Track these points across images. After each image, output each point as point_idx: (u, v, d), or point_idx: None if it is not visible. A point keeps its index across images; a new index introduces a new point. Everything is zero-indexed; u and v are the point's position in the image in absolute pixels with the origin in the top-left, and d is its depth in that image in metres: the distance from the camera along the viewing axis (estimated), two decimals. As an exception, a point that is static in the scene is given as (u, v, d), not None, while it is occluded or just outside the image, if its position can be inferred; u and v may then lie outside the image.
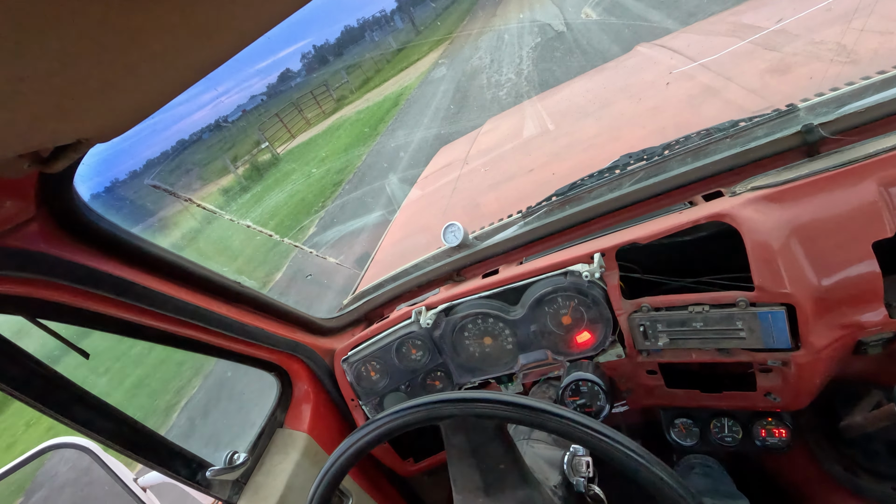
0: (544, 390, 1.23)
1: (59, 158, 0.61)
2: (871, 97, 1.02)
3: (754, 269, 0.91)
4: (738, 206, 0.95)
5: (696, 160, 1.16)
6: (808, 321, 0.89)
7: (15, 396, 0.77)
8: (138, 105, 0.57)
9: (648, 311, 1.04)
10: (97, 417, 0.91)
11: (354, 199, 9.11)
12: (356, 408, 1.40)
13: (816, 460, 1.18)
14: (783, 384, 1.01)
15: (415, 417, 0.73)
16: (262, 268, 7.66)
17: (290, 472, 1.22)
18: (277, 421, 1.34)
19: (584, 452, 1.00)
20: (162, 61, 0.48)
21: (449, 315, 1.24)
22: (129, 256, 0.92)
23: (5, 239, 0.71)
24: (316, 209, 9.90)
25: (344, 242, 6.47)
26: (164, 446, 1.06)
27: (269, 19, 0.51)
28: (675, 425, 1.24)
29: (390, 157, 10.01)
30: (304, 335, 1.39)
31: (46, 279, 0.77)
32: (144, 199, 2.42)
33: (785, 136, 1.06)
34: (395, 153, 9.81)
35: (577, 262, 1.09)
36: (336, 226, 7.54)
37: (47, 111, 0.48)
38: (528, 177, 2.46)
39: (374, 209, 7.11)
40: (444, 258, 1.41)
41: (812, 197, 0.92)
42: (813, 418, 1.20)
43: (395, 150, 10.08)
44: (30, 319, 0.79)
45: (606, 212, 1.23)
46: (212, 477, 1.11)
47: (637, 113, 2.52)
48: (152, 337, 1.02)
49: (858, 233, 0.86)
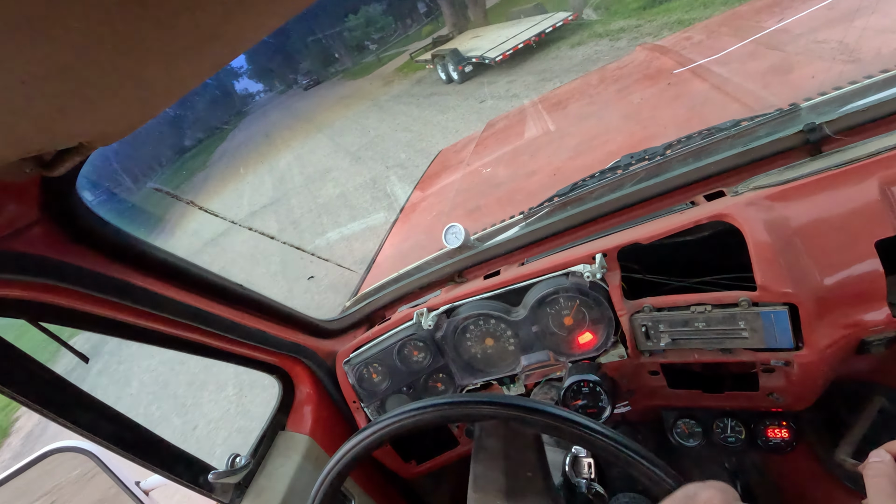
0: (546, 391, 1.23)
1: (61, 162, 0.62)
2: (874, 96, 1.01)
3: (756, 268, 0.91)
4: (740, 205, 0.95)
5: (697, 160, 1.16)
6: (810, 321, 0.89)
7: (17, 400, 0.77)
8: (140, 108, 0.57)
9: (650, 312, 1.04)
10: (99, 420, 0.91)
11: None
12: (358, 410, 1.40)
13: (819, 460, 1.17)
14: (786, 384, 1.00)
15: (416, 420, 0.73)
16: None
17: (293, 475, 1.22)
18: (279, 423, 1.34)
19: (586, 454, 1.00)
20: (164, 63, 0.48)
21: (450, 316, 1.24)
22: (132, 259, 0.92)
23: (7, 242, 0.71)
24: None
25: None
26: (166, 449, 1.06)
27: (271, 21, 0.51)
28: (677, 426, 1.23)
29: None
30: (306, 337, 1.39)
31: (48, 283, 0.77)
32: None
33: (787, 135, 1.05)
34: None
35: (578, 263, 1.09)
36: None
37: (49, 115, 0.48)
38: (528, 178, 2.46)
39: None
40: (445, 260, 1.41)
41: (814, 196, 0.91)
42: (816, 418, 1.19)
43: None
44: (32, 323, 0.79)
45: (608, 212, 1.23)
46: (214, 480, 1.11)
47: (638, 113, 2.52)
48: (154, 340, 1.02)
49: (861, 232, 0.86)
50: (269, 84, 28.78)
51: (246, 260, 7.92)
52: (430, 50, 14.35)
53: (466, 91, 10.90)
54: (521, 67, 10.04)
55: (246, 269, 7.46)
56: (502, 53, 10.17)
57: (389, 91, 16.04)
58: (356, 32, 25.70)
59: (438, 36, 15.83)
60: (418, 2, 16.34)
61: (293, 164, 10.36)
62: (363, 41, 26.26)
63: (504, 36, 11.03)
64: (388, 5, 17.23)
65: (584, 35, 9.96)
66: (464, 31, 15.17)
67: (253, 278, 6.06)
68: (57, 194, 0.76)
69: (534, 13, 12.39)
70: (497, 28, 12.98)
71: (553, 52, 10.06)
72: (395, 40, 23.54)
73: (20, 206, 0.72)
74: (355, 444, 0.76)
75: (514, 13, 13.76)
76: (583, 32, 10.13)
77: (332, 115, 17.20)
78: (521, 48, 10.18)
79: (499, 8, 17.71)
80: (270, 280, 6.78)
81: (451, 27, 16.75)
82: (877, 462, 0.54)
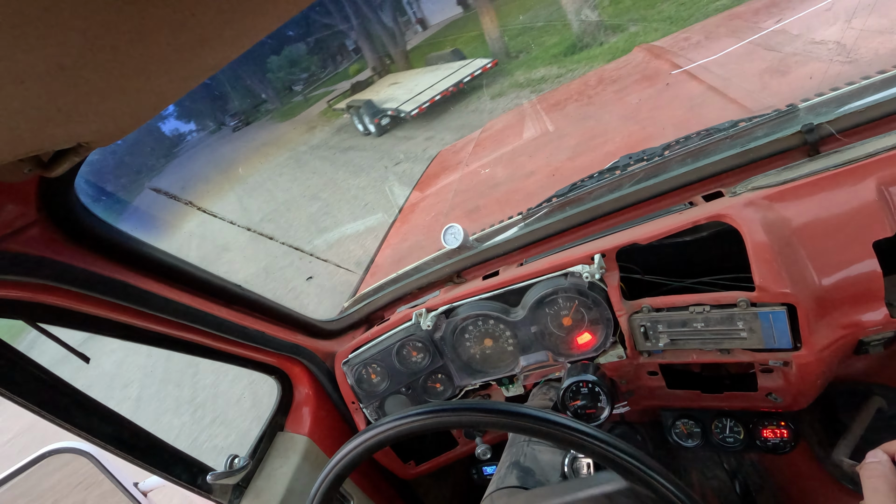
0: (545, 392, 1.23)
1: (59, 162, 0.61)
2: (871, 96, 1.02)
3: (755, 269, 0.91)
4: (738, 206, 0.95)
5: (696, 160, 1.16)
6: (808, 321, 0.89)
7: (15, 401, 0.77)
8: (138, 108, 0.57)
9: (649, 312, 1.04)
10: (97, 421, 0.91)
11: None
12: (357, 410, 1.40)
13: (817, 460, 1.18)
14: (784, 384, 1.01)
15: (417, 425, 0.73)
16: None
17: (291, 476, 1.22)
18: (278, 424, 1.34)
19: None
20: (163, 64, 0.48)
21: (449, 317, 1.24)
22: (130, 260, 0.92)
23: (6, 243, 0.71)
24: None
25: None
26: (164, 450, 1.05)
27: (270, 21, 0.51)
28: (676, 426, 1.23)
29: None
30: (305, 338, 1.39)
31: (47, 283, 0.77)
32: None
33: (785, 135, 1.06)
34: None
35: (577, 264, 1.09)
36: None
37: (47, 115, 0.48)
38: (527, 178, 2.46)
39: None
40: (444, 260, 1.41)
41: (812, 196, 0.92)
42: (814, 418, 1.19)
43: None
44: (30, 324, 0.79)
45: (607, 213, 1.23)
46: (212, 481, 1.11)
47: (637, 113, 2.53)
48: (153, 340, 1.01)
49: (859, 232, 0.86)
50: (200, 124, 28.22)
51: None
52: (347, 98, 13.48)
53: (383, 147, 10.04)
54: (440, 121, 9.32)
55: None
56: (418, 107, 9.33)
57: (310, 140, 15.19)
58: (280, 74, 25.29)
59: (357, 82, 14.79)
60: (344, 41, 15.64)
61: (195, 232, 9.67)
62: (290, 82, 25.75)
63: (422, 84, 10.23)
64: (313, 45, 16.62)
65: (504, 84, 9.33)
66: (384, 76, 14.30)
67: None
68: (55, 195, 0.76)
69: (452, 59, 11.53)
70: (416, 74, 12.21)
71: (473, 104, 9.42)
72: (325, 78, 22.33)
73: (18, 206, 0.72)
74: (355, 446, 0.76)
75: (432, 58, 12.89)
76: (503, 81, 9.49)
77: (249, 167, 16.23)
78: (439, 100, 9.36)
79: (421, 49, 16.74)
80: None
81: (372, 70, 15.82)
82: (874, 462, 0.54)
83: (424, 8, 20.94)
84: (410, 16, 21.35)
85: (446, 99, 9.51)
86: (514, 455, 1.02)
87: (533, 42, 10.40)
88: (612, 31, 8.17)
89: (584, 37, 8.31)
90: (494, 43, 10.73)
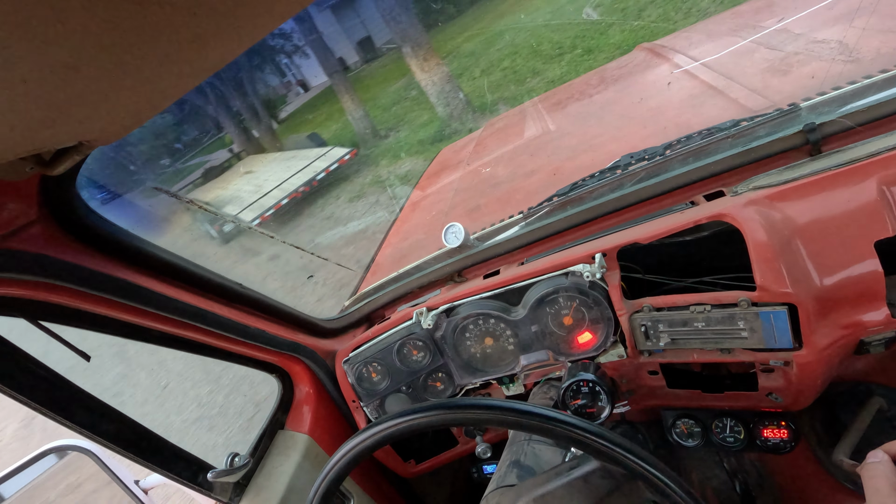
0: (545, 391, 1.23)
1: (60, 161, 0.62)
2: (874, 96, 1.01)
3: (756, 268, 0.91)
4: (739, 205, 0.95)
5: (697, 160, 1.16)
6: (809, 321, 0.89)
7: (16, 398, 0.77)
8: (140, 107, 0.57)
9: (650, 312, 1.04)
10: (98, 419, 0.91)
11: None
12: (357, 409, 1.40)
13: (817, 460, 1.18)
14: (785, 384, 1.01)
15: (417, 423, 0.73)
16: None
17: (292, 474, 1.22)
18: (278, 422, 1.34)
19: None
20: (164, 63, 0.48)
21: (450, 316, 1.24)
22: (131, 258, 0.92)
23: (7, 241, 0.71)
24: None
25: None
26: (165, 448, 1.06)
27: (270, 21, 0.51)
28: (677, 426, 1.23)
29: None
30: (306, 336, 1.39)
31: (48, 281, 0.77)
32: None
33: (787, 135, 1.05)
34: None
35: (578, 263, 1.09)
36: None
37: (49, 113, 0.48)
38: (528, 177, 2.46)
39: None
40: (445, 259, 1.41)
41: (814, 196, 0.91)
42: (814, 418, 1.19)
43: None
44: (31, 322, 0.79)
45: (608, 212, 1.23)
46: (213, 479, 1.11)
47: (638, 113, 2.52)
48: (154, 339, 1.02)
49: (860, 232, 0.86)
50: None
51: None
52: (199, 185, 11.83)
53: (225, 262, 7.72)
54: (292, 224, 8.19)
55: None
56: (260, 216, 7.93)
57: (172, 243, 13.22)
58: (143, 145, 23.89)
59: (211, 167, 12.70)
60: (213, 117, 13.94)
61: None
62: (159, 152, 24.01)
63: (273, 178, 9.05)
64: (182, 116, 14.94)
65: (365, 180, 8.21)
66: (243, 158, 12.41)
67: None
68: (56, 193, 0.76)
69: (309, 144, 10.67)
70: (272, 161, 11.11)
71: (329, 207, 8.06)
72: (200, 147, 20.51)
73: (19, 204, 0.72)
74: (355, 444, 0.76)
75: (289, 143, 12.11)
76: (365, 175, 8.41)
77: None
78: (287, 204, 8.11)
79: (287, 125, 15.45)
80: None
81: (230, 151, 13.40)
82: (874, 463, 0.54)
83: (304, 70, 19.38)
84: (290, 77, 19.88)
85: (297, 201, 8.24)
86: (514, 454, 1.02)
87: (404, 118, 9.46)
88: (480, 114, 7.44)
89: (452, 122, 7.67)
90: (358, 122, 9.94)
